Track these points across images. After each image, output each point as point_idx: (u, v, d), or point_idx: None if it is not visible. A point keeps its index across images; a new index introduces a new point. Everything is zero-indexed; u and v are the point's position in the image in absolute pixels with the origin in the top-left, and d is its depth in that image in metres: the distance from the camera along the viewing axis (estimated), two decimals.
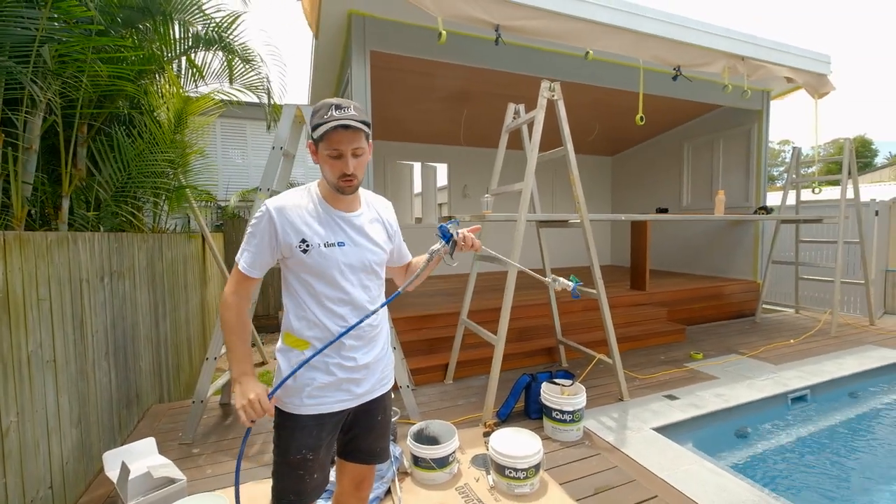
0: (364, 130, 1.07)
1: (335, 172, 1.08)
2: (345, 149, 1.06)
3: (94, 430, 2.19)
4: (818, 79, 4.54)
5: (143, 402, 2.83)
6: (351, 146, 1.06)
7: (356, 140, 1.07)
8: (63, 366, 1.92)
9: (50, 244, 1.85)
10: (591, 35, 3.28)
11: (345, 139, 1.05)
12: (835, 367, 3.50)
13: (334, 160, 1.07)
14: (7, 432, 1.55)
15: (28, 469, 1.65)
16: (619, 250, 7.63)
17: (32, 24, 2.01)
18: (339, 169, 1.08)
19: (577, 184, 2.84)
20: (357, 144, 1.07)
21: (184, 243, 3.89)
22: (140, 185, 2.91)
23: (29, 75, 1.91)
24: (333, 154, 1.07)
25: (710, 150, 6.02)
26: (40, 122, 2.24)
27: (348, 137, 1.05)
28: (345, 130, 1.04)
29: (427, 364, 3.25)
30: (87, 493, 2.02)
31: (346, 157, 1.07)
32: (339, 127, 1.03)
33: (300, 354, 1.12)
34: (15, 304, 1.61)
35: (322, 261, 1.10)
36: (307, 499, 1.13)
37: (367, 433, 1.23)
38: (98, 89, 2.36)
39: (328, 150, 1.07)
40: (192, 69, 3.44)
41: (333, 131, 1.04)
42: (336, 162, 1.07)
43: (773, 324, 5.01)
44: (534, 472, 1.94)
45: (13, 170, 2.10)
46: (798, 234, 5.26)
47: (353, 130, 1.05)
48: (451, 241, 1.16)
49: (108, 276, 2.38)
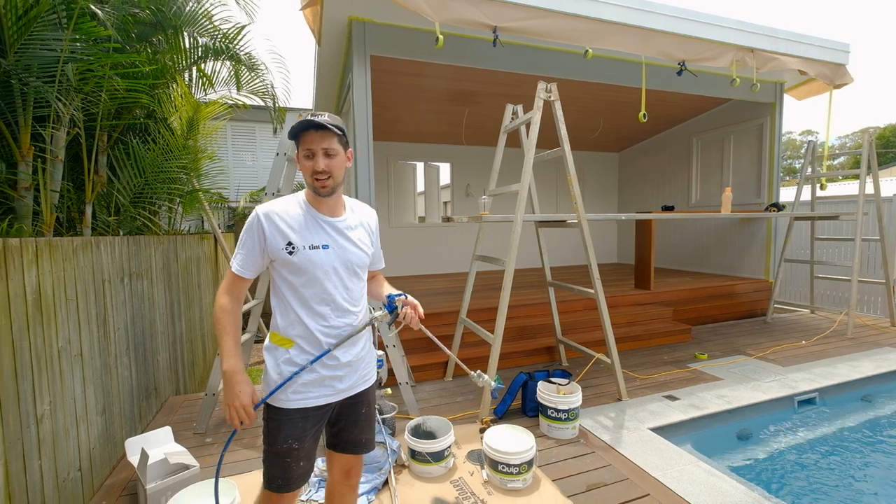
0: (335, 132, 1.17)
1: (308, 171, 1.19)
2: (315, 147, 1.16)
3: (117, 419, 2.36)
4: (834, 69, 4.37)
5: (160, 395, 3.01)
6: (321, 145, 1.16)
7: (326, 140, 1.16)
8: (89, 360, 2.08)
9: (76, 248, 2.01)
10: (593, 34, 3.27)
11: (315, 138, 1.16)
12: (848, 369, 3.43)
13: (307, 160, 1.18)
14: (42, 419, 1.71)
15: (60, 453, 1.82)
16: (625, 248, 7.56)
17: (57, 45, 2.17)
18: (310, 167, 1.17)
19: (575, 184, 2.86)
20: (328, 144, 1.17)
21: (197, 244, 4.08)
22: (155, 190, 3.08)
23: (55, 93, 2.06)
24: (306, 153, 1.17)
25: (720, 145, 5.90)
26: (64, 134, 2.42)
27: (319, 137, 1.16)
28: (316, 130, 1.15)
29: (427, 361, 3.34)
30: (112, 477, 2.19)
31: (317, 156, 1.16)
32: (309, 126, 1.14)
33: (285, 353, 1.22)
34: (46, 304, 1.77)
35: (307, 262, 1.19)
36: (294, 484, 1.23)
37: (353, 426, 1.33)
38: (116, 102, 2.51)
39: (302, 151, 1.18)
40: (202, 78, 3.60)
41: (305, 132, 1.16)
42: (308, 162, 1.18)
43: (786, 324, 4.90)
44: (526, 468, 2.00)
45: (42, 180, 2.28)
46: (813, 232, 5.12)
47: (324, 131, 1.15)
48: (394, 313, 1.26)
49: (127, 277, 2.55)
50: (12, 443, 1.56)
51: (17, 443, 1.58)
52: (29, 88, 2.15)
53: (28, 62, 2.10)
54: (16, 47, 2.08)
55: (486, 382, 1.27)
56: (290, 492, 1.24)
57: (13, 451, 1.56)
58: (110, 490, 2.08)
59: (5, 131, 2.18)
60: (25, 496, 1.61)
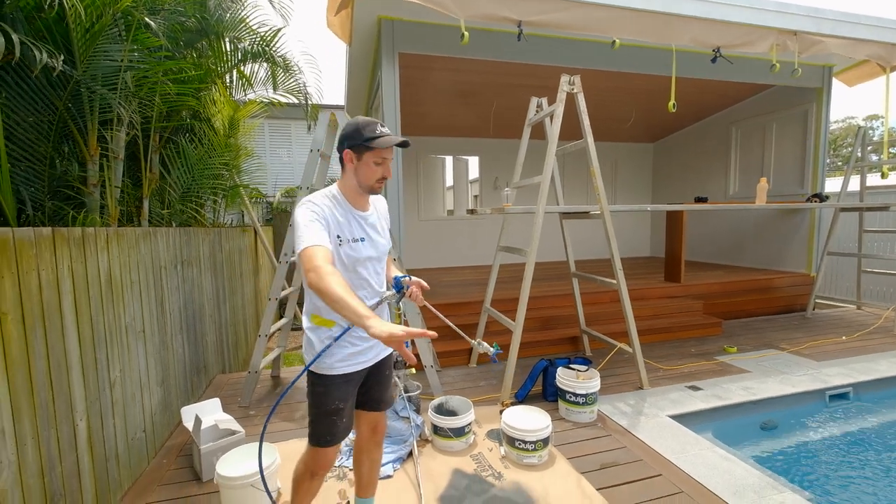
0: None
1: (375, 176, 1.35)
2: (389, 157, 1.38)
3: (174, 390, 2.65)
4: (889, 49, 4.07)
5: (209, 372, 3.32)
6: (391, 156, 1.40)
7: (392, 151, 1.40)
8: (150, 336, 2.36)
9: (138, 237, 2.27)
10: (618, 23, 3.22)
11: (391, 151, 1.38)
12: (889, 365, 3.27)
13: (377, 166, 1.35)
14: (114, 384, 1.98)
15: (129, 415, 2.09)
16: (659, 242, 7.35)
17: (118, 56, 2.43)
18: (379, 173, 1.35)
19: (598, 175, 2.88)
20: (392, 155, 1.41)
21: (239, 236, 4.39)
22: (201, 186, 3.36)
23: (118, 99, 2.32)
24: (378, 161, 1.34)
25: (761, 133, 5.62)
26: (124, 136, 2.70)
27: (391, 150, 1.38)
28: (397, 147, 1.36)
29: (452, 348, 3.47)
30: (170, 440, 2.48)
31: (387, 163, 1.37)
32: (393, 143, 1.33)
33: (328, 331, 1.40)
34: (115, 285, 2.03)
35: (352, 253, 1.36)
36: (338, 438, 1.43)
37: (377, 385, 1.54)
38: (166, 105, 2.77)
39: (376, 158, 1.34)
40: (241, 79, 3.85)
41: (389, 148, 1.34)
42: (378, 168, 1.35)
43: (827, 319, 4.67)
44: (542, 445, 2.10)
45: (107, 177, 2.57)
46: (862, 223, 4.82)
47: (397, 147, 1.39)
48: (401, 293, 1.40)
49: (180, 265, 2.82)
50: (92, 402, 1.82)
51: (96, 402, 1.85)
52: (95, 96, 2.43)
53: (94, 72, 2.36)
54: (83, 59, 2.35)
55: (485, 349, 1.40)
56: (335, 445, 1.43)
57: (93, 408, 1.82)
58: (170, 450, 2.37)
59: (76, 135, 2.48)
60: (103, 448, 1.88)
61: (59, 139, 2.46)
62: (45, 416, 1.53)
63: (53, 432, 1.57)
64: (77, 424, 1.71)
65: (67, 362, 1.67)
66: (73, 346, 1.71)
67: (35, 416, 1.48)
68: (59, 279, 1.64)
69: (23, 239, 1.47)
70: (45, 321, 1.57)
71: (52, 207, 2.41)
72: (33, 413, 1.48)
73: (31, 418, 1.46)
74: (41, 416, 1.51)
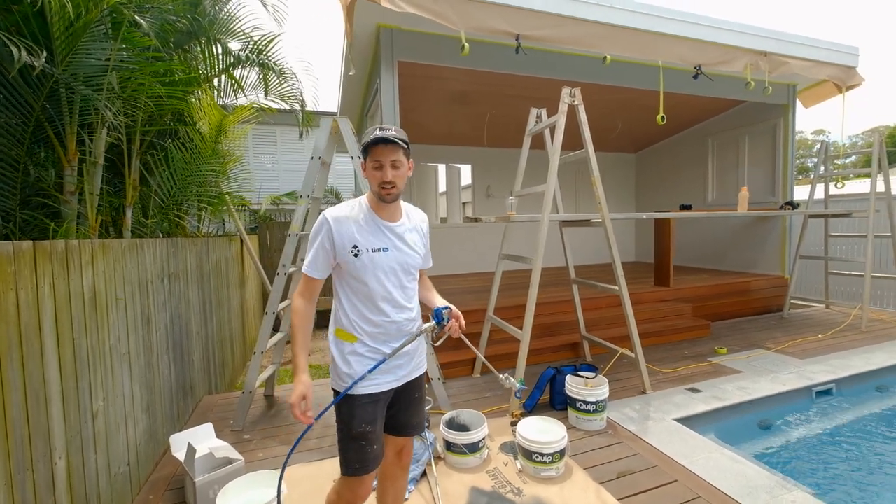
0: (401, 146, 1.28)
1: (376, 181, 1.28)
2: (384, 160, 1.26)
3: (159, 416, 2.44)
4: (845, 71, 4.45)
5: (196, 394, 3.09)
6: (390, 158, 1.27)
7: (394, 153, 1.27)
8: (135, 358, 2.16)
9: (124, 249, 2.09)
10: (611, 40, 3.34)
11: (385, 151, 1.26)
12: (862, 361, 3.47)
13: (375, 170, 1.28)
14: (97, 415, 1.79)
15: (112, 448, 1.89)
16: (643, 247, 7.59)
17: (103, 55, 2.26)
18: (379, 177, 1.27)
19: (599, 185, 2.93)
20: (395, 157, 1.27)
21: (225, 246, 4.17)
22: (185, 194, 3.17)
23: (103, 100, 2.15)
24: (375, 164, 1.28)
25: (735, 145, 5.95)
26: (104, 139, 2.50)
27: (388, 150, 1.26)
28: (385, 144, 1.25)
29: (456, 359, 3.40)
30: (156, 472, 2.26)
31: (385, 167, 1.26)
32: (379, 140, 1.24)
33: (350, 346, 1.34)
34: (100, 303, 1.85)
35: (370, 264, 1.29)
36: (370, 466, 1.32)
37: (407, 409, 1.45)
38: (156, 108, 2.60)
39: (372, 162, 1.28)
40: (232, 83, 3.70)
41: (375, 145, 1.26)
42: (376, 172, 1.28)
43: (801, 319, 4.93)
44: (559, 457, 2.06)
45: (87, 184, 2.37)
46: (827, 229, 5.16)
47: (393, 145, 1.26)
48: (441, 324, 1.36)
49: (167, 278, 2.63)
50: (73, 437, 1.63)
51: (77, 437, 1.66)
52: (76, 96, 2.25)
53: (75, 71, 2.19)
54: (63, 56, 2.17)
55: (511, 384, 1.40)
56: (367, 474, 1.33)
57: (73, 444, 1.63)
58: (155, 484, 2.16)
59: (54, 139, 2.28)
60: (83, 488, 1.68)
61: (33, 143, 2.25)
62: (20, 456, 1.34)
63: (29, 475, 1.38)
64: (55, 463, 1.52)
65: (47, 393, 1.49)
66: (54, 374, 1.53)
67: (9, 458, 1.29)
68: (39, 299, 1.47)
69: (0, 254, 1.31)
70: (23, 346, 1.39)
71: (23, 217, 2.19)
72: (7, 454, 1.28)
73: (4, 460, 1.27)
74: (16, 458, 1.32)
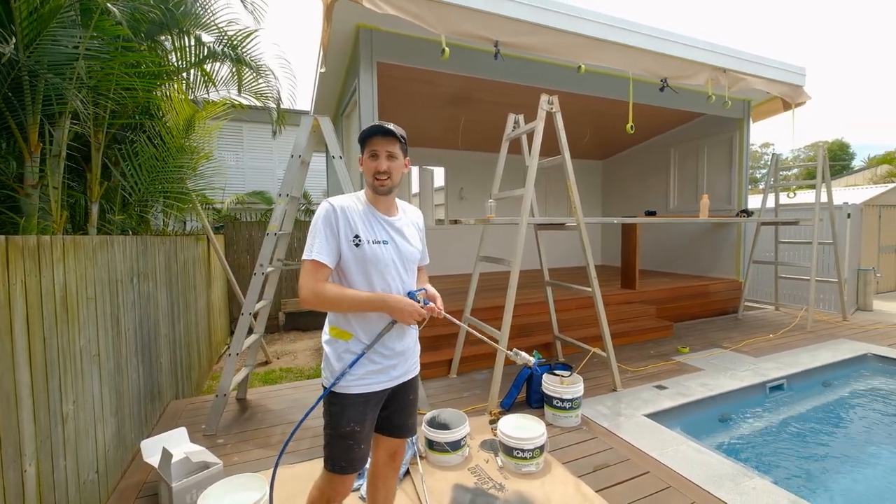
0: (398, 139, 1.32)
1: (371, 170, 1.31)
2: (380, 149, 1.30)
3: (128, 421, 2.33)
4: (794, 90, 4.88)
5: (163, 398, 2.96)
6: (385, 148, 1.30)
7: (390, 144, 1.31)
8: (105, 360, 2.06)
9: (95, 246, 2.00)
10: (584, 49, 3.52)
11: (381, 142, 1.30)
12: (810, 358, 3.79)
13: (371, 160, 1.31)
14: (67, 419, 1.70)
15: (81, 454, 1.80)
16: (609, 251, 7.91)
17: (71, 43, 2.15)
18: (374, 167, 1.30)
19: (574, 190, 3.06)
20: (391, 148, 1.31)
21: (192, 245, 4.01)
22: (151, 191, 3.04)
23: (72, 90, 2.05)
24: (371, 154, 1.31)
25: (695, 155, 6.34)
26: (66, 129, 2.37)
27: (384, 141, 1.30)
28: (382, 135, 1.30)
29: (433, 360, 3.44)
30: (124, 480, 2.16)
31: (380, 157, 1.30)
32: (377, 130, 1.29)
33: (345, 344, 1.33)
34: (71, 302, 1.76)
35: (370, 255, 1.29)
36: (356, 465, 1.32)
37: (401, 410, 1.44)
38: (129, 99, 2.49)
39: (368, 152, 1.32)
40: (203, 77, 3.58)
41: (372, 135, 1.30)
42: (372, 162, 1.30)
43: (754, 320, 5.32)
44: (539, 453, 2.15)
45: (50, 177, 2.24)
46: (777, 236, 5.59)
47: (390, 137, 1.30)
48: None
49: (136, 277, 2.52)
50: (43, 441, 1.56)
51: (47, 441, 1.58)
52: (39, 85, 2.13)
53: (39, 58, 2.07)
54: (26, 41, 2.04)
55: (525, 359, 1.38)
56: (352, 473, 1.33)
57: (43, 449, 1.56)
58: (124, 493, 2.07)
59: (15, 130, 2.14)
60: (53, 496, 1.60)
61: None
62: None
63: None
64: (25, 470, 1.44)
65: (17, 396, 1.42)
66: (24, 376, 1.46)
67: None
68: (10, 297, 1.40)
69: None
70: None
71: None
72: None
73: None
74: None
